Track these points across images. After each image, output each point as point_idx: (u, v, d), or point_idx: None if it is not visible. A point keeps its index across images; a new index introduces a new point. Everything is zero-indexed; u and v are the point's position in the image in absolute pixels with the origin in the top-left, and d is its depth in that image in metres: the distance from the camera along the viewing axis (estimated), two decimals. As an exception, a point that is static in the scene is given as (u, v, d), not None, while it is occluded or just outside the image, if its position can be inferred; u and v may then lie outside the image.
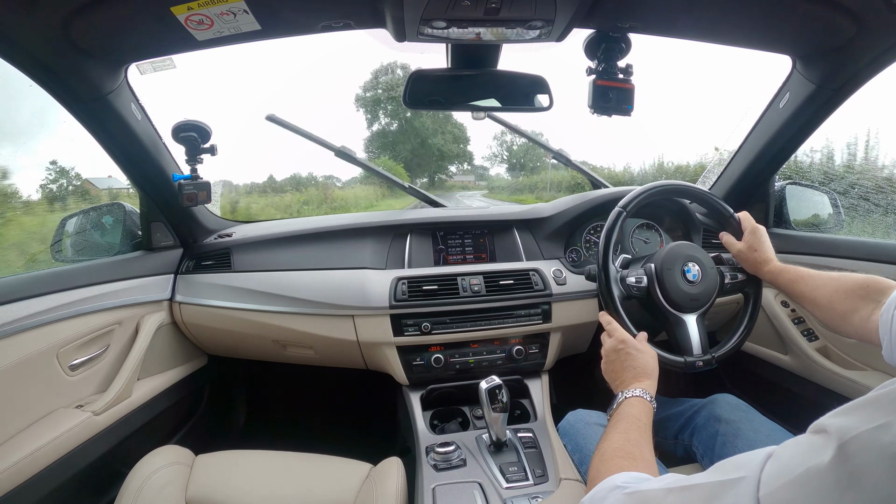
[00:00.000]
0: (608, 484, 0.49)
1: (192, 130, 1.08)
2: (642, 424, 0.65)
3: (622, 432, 0.63)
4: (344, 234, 1.25)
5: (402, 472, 0.84)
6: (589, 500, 0.49)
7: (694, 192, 1.01)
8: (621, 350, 0.80)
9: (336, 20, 0.83)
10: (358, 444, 1.13)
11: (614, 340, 0.82)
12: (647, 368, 0.77)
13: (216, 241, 1.28)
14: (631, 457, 0.56)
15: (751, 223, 0.95)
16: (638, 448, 0.59)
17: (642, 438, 0.61)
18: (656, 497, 0.39)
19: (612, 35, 0.90)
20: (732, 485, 0.33)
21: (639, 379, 0.75)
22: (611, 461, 0.56)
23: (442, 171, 35.30)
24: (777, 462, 0.32)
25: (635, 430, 0.63)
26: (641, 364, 0.77)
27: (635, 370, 0.77)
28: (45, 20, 0.71)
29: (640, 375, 0.76)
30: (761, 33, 0.92)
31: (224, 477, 0.85)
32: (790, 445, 0.33)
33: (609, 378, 0.81)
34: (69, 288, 0.93)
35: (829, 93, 1.00)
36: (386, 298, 1.10)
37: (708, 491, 0.35)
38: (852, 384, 1.02)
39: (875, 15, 0.78)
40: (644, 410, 0.68)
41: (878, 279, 0.71)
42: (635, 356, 0.78)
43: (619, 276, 0.94)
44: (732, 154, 1.31)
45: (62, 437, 0.86)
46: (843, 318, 0.73)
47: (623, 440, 0.60)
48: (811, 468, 0.29)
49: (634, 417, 0.66)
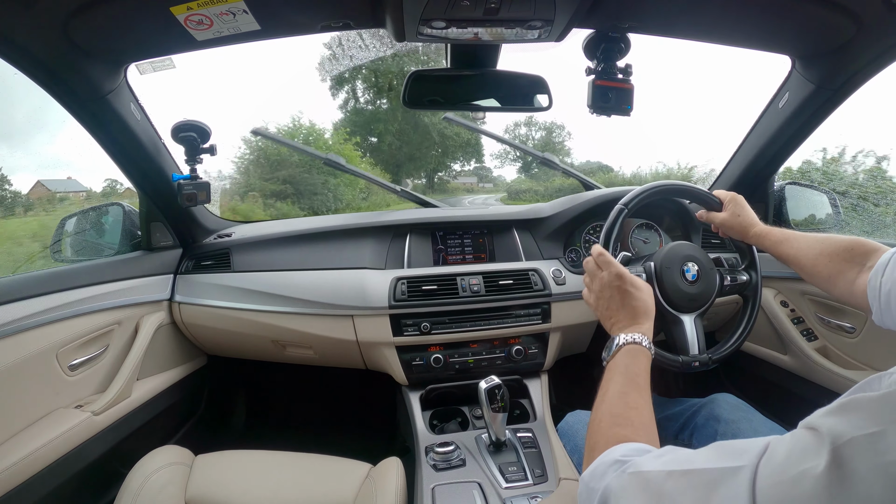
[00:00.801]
0: (608, 458, 0.47)
1: (191, 130, 1.08)
2: (641, 381, 0.60)
3: (620, 394, 0.58)
4: (343, 234, 1.25)
5: (402, 472, 0.84)
6: (589, 476, 0.47)
7: (694, 192, 1.01)
8: (618, 286, 0.72)
9: (336, 20, 0.83)
10: (357, 444, 1.13)
11: (609, 275, 0.73)
12: (646, 308, 0.70)
13: (216, 241, 1.28)
14: (630, 424, 0.54)
15: (729, 193, 0.95)
16: (637, 412, 0.55)
17: (641, 399, 0.57)
18: (657, 480, 0.38)
19: (612, 35, 0.90)
20: (732, 474, 0.33)
21: (637, 321, 0.69)
22: (609, 430, 0.53)
23: (443, 169, 25.07)
24: (772, 458, 0.32)
25: (634, 390, 0.58)
26: (641, 303, 0.70)
27: (634, 310, 0.70)
28: (45, 20, 0.71)
29: (639, 316, 0.69)
30: (761, 33, 0.92)
31: (224, 477, 0.85)
32: (786, 442, 0.33)
33: (602, 316, 0.74)
34: (69, 288, 0.93)
35: (829, 93, 1.00)
36: (385, 298, 1.10)
37: (708, 477, 0.35)
38: (852, 384, 1.01)
39: (875, 15, 0.78)
40: (642, 361, 0.63)
41: (863, 241, 0.69)
42: (633, 294, 0.71)
43: None
44: (732, 154, 1.32)
45: (62, 437, 0.86)
46: (829, 280, 0.73)
47: (622, 405, 0.56)
48: (806, 471, 0.29)
49: (633, 373, 0.61)
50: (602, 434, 0.53)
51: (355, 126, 18.87)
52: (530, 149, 1.58)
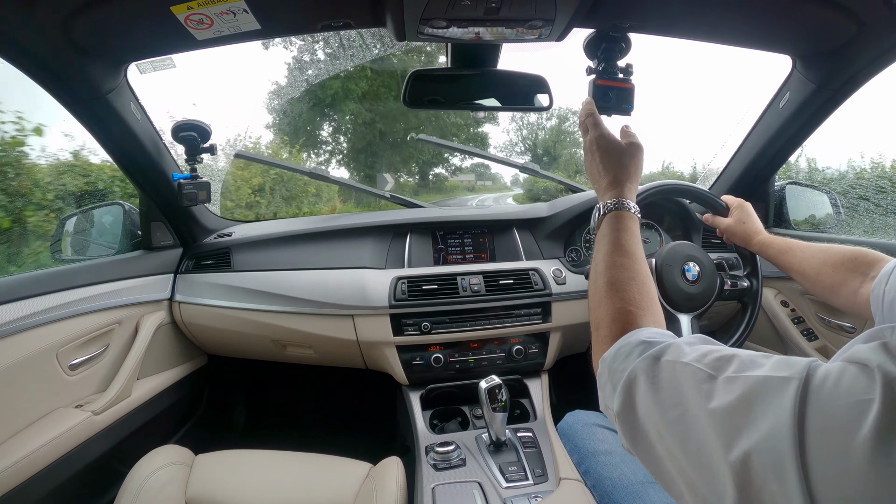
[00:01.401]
0: (633, 338, 0.45)
1: (191, 130, 1.08)
2: (631, 247, 0.56)
3: (612, 265, 0.55)
4: (343, 234, 1.25)
5: (402, 472, 0.84)
6: (612, 357, 0.45)
7: (702, 195, 1.02)
8: (598, 147, 0.67)
9: (336, 20, 0.83)
10: (358, 443, 1.13)
11: (591, 136, 0.69)
12: (625, 168, 0.65)
13: (216, 241, 1.28)
14: (632, 300, 0.51)
15: (737, 199, 0.96)
16: (635, 283, 0.52)
17: (636, 265, 0.54)
18: (695, 375, 0.36)
19: (612, 35, 0.90)
20: (781, 384, 0.31)
21: (618, 183, 0.64)
22: (612, 304, 0.51)
23: (440, 163, 20.72)
24: (819, 377, 0.31)
25: (626, 257, 0.55)
26: (620, 164, 0.65)
27: (614, 171, 0.65)
28: (45, 20, 0.71)
29: (620, 179, 0.64)
30: (761, 33, 0.92)
31: (224, 477, 0.85)
32: (831, 368, 0.31)
33: (592, 184, 0.70)
34: (69, 288, 0.93)
35: (829, 93, 1.00)
36: (385, 298, 1.10)
37: (752, 385, 0.33)
38: None
39: (875, 15, 0.78)
40: (628, 225, 0.59)
41: (865, 251, 0.69)
42: (612, 154, 0.66)
43: None
44: (732, 154, 1.32)
45: (62, 436, 0.86)
46: (832, 290, 0.73)
47: (617, 275, 0.53)
48: (858, 403, 0.28)
49: (621, 241, 0.57)
50: (604, 309, 0.52)
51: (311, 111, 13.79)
52: (513, 160, 1.58)
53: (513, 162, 1.55)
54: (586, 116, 0.71)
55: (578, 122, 0.74)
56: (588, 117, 0.71)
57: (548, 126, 26.36)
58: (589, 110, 0.72)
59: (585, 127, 0.71)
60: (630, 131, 0.70)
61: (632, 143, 0.67)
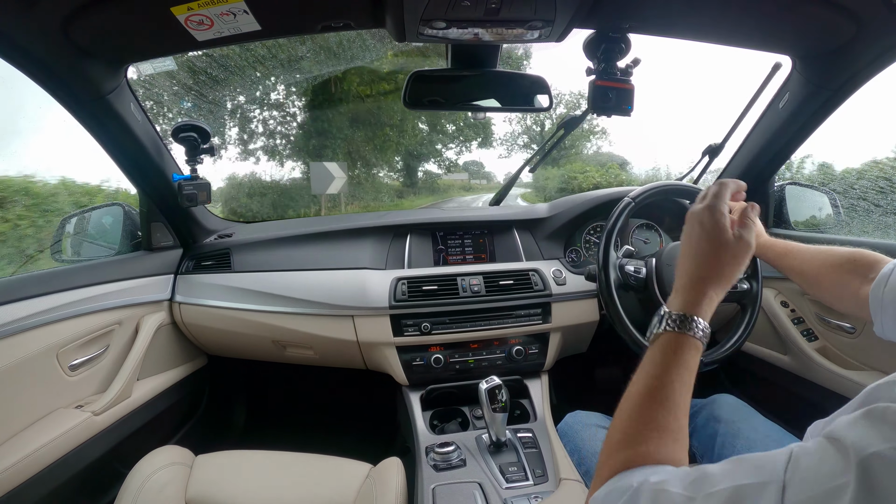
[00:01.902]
0: (622, 483, 0.41)
1: (191, 131, 1.08)
2: (677, 412, 0.45)
3: (639, 408, 0.46)
4: (344, 235, 1.25)
5: (402, 473, 0.84)
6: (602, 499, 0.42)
7: (693, 191, 1.02)
8: (699, 223, 0.54)
9: (336, 20, 0.83)
10: (358, 444, 1.13)
11: (703, 207, 0.56)
12: (720, 266, 0.52)
13: (216, 242, 1.28)
14: (646, 452, 0.44)
15: (738, 204, 0.96)
16: (666, 456, 0.44)
17: (669, 416, 0.45)
18: (674, 501, 0.36)
19: (612, 35, 0.90)
20: (758, 491, 0.32)
21: (694, 286, 0.51)
22: (618, 454, 0.44)
23: (434, 156, 17.02)
24: (799, 472, 0.31)
25: (659, 405, 0.45)
26: (712, 254, 0.52)
27: (700, 266, 0.52)
28: (45, 20, 0.71)
29: (707, 279, 0.51)
30: (761, 33, 0.92)
31: (224, 477, 0.85)
32: (810, 454, 0.32)
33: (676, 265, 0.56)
34: (69, 288, 0.93)
35: (829, 93, 1.00)
36: (386, 298, 1.10)
37: (734, 496, 0.33)
38: (852, 384, 1.02)
39: (875, 15, 0.78)
40: (683, 365, 0.47)
41: (865, 253, 0.69)
42: (709, 235, 0.53)
43: (619, 263, 0.97)
44: (732, 154, 1.31)
45: (62, 437, 0.86)
46: (832, 292, 0.72)
47: (654, 446, 0.43)
48: (834, 489, 0.28)
49: (664, 400, 0.45)
50: (610, 454, 0.45)
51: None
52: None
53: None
54: (718, 187, 0.58)
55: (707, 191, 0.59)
56: (716, 187, 0.58)
57: (556, 114, 20.80)
58: (722, 183, 0.59)
59: (704, 195, 0.58)
60: (751, 218, 0.56)
61: (741, 239, 0.53)
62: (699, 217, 0.55)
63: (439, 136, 17.29)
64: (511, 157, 23.72)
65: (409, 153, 15.38)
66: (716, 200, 0.56)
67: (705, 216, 0.54)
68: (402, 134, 13.23)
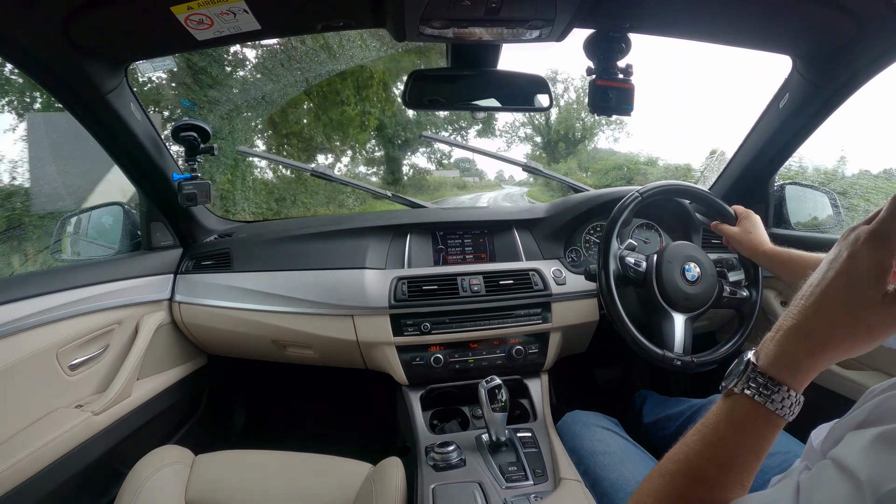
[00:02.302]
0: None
1: (191, 130, 1.08)
2: (743, 475, 0.37)
3: (681, 484, 0.39)
4: (344, 234, 1.25)
5: (402, 472, 0.84)
6: None
7: (711, 201, 1.03)
8: (839, 262, 0.37)
9: (336, 20, 0.83)
10: (358, 444, 1.13)
11: (860, 245, 0.36)
12: (847, 328, 0.36)
13: (216, 241, 1.28)
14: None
15: (745, 209, 0.97)
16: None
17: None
18: None
19: (612, 35, 0.90)
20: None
21: (803, 341, 0.37)
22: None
23: (414, 145, 13.85)
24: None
25: (713, 486, 0.37)
26: (849, 313, 0.36)
27: (821, 320, 0.37)
28: (45, 20, 0.71)
29: (817, 338, 0.37)
30: (761, 33, 0.92)
31: (224, 477, 0.85)
32: (821, 488, 0.29)
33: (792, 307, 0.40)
34: (69, 288, 0.93)
35: (829, 93, 1.00)
36: (386, 298, 1.10)
37: None
38: (852, 384, 1.02)
39: (875, 15, 0.78)
40: (755, 449, 0.37)
41: None
42: (850, 289, 0.36)
43: (620, 255, 0.98)
44: (732, 154, 1.32)
45: (62, 437, 0.86)
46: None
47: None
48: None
49: (728, 455, 0.37)
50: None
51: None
52: (514, 158, 1.55)
53: (515, 160, 1.53)
54: (880, 223, 0.36)
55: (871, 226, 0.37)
56: (882, 223, 0.36)
57: (563, 101, 17.93)
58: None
59: (875, 217, 0.37)
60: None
61: (890, 310, 0.35)
62: (854, 247, 0.37)
63: (428, 119, 13.53)
64: (511, 149, 20.36)
65: (389, 139, 12.36)
66: (889, 230, 0.35)
67: (862, 248, 0.36)
68: (365, 106, 9.47)
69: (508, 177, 11.23)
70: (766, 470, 0.45)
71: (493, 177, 22.70)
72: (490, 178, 20.74)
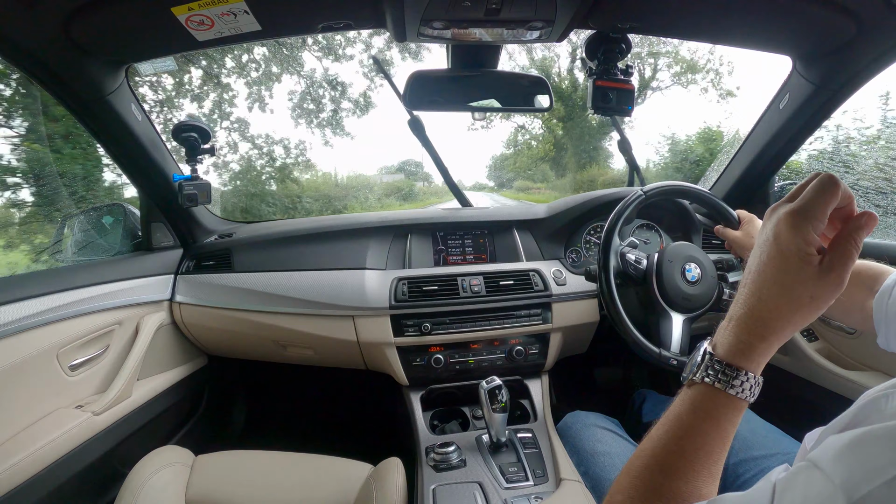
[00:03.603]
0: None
1: (192, 131, 1.08)
2: (710, 461, 0.38)
3: (647, 469, 0.39)
4: (344, 235, 1.25)
5: (402, 473, 0.84)
6: None
7: (715, 204, 1.02)
8: (770, 237, 0.39)
9: (336, 20, 0.83)
10: (358, 444, 1.13)
11: (778, 222, 0.39)
12: (789, 301, 0.37)
13: (216, 242, 1.28)
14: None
15: (748, 214, 0.96)
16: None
17: (687, 487, 0.38)
18: None
19: (612, 36, 0.90)
20: None
21: (750, 325, 0.39)
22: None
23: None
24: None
25: (675, 475, 0.38)
26: (787, 286, 0.37)
27: (762, 300, 0.38)
28: (45, 20, 0.71)
29: (763, 320, 0.38)
30: (761, 33, 0.92)
31: (224, 477, 0.85)
32: (796, 489, 0.29)
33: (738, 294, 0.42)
34: (69, 288, 0.93)
35: (829, 93, 1.00)
36: (386, 299, 1.10)
37: None
38: (852, 385, 1.02)
39: (875, 15, 0.78)
40: (719, 435, 0.38)
41: (869, 265, 0.66)
42: (784, 260, 0.37)
43: (621, 251, 0.97)
44: (732, 154, 1.31)
45: (62, 437, 0.86)
46: (839, 307, 0.71)
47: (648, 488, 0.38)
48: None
49: (679, 472, 0.38)
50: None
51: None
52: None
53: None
54: (818, 188, 0.38)
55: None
56: (816, 188, 0.38)
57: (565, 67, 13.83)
58: (825, 184, 0.38)
59: (794, 194, 0.40)
60: (855, 243, 0.37)
61: (830, 273, 0.36)
62: (777, 227, 0.38)
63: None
64: (492, 126, 16.09)
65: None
66: (807, 208, 0.37)
67: (784, 229, 0.37)
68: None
69: (458, 181, 8.99)
70: (766, 470, 0.45)
71: (440, 182, 15.84)
72: (438, 182, 14.74)
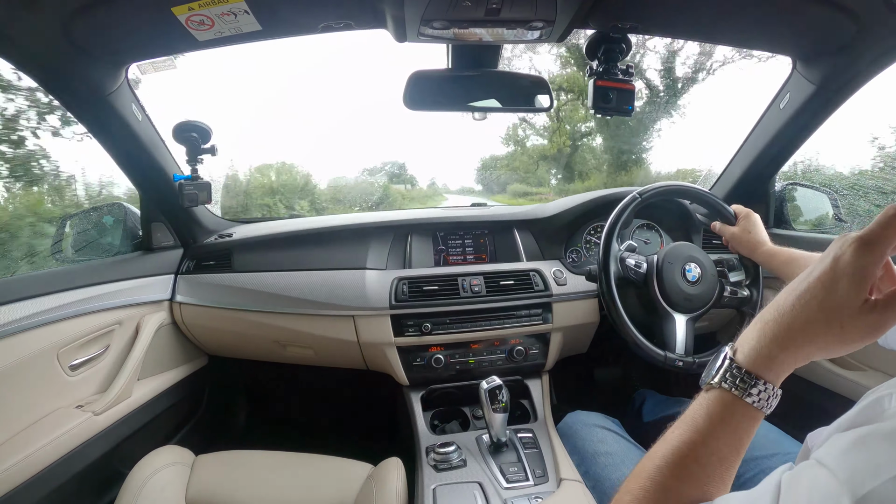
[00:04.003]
0: None
1: (192, 131, 1.08)
2: (722, 469, 0.38)
3: (660, 476, 0.39)
4: (344, 235, 1.25)
5: (403, 473, 0.84)
6: None
7: (712, 201, 1.03)
8: (826, 265, 0.37)
9: (336, 20, 0.83)
10: (358, 444, 1.13)
11: (849, 251, 0.36)
12: (824, 325, 0.36)
13: (217, 242, 1.28)
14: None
15: (744, 209, 0.97)
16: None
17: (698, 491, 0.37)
18: None
19: (613, 36, 0.90)
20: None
21: (780, 338, 0.38)
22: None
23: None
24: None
25: (690, 481, 0.38)
26: (826, 315, 0.36)
27: (798, 318, 0.37)
28: (45, 20, 0.71)
29: (793, 336, 0.37)
30: (761, 33, 0.92)
31: (224, 477, 0.85)
32: (801, 487, 0.29)
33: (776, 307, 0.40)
34: (69, 288, 0.93)
35: (830, 93, 1.00)
36: (386, 299, 1.10)
37: None
38: (852, 384, 1.02)
39: (875, 15, 0.78)
40: (739, 430, 0.38)
41: None
42: (832, 293, 0.36)
43: (620, 256, 0.98)
44: (733, 155, 1.32)
45: (62, 437, 0.86)
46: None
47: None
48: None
49: (692, 477, 0.38)
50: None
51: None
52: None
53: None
54: (891, 220, 0.35)
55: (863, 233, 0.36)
56: (888, 219, 0.35)
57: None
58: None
59: (847, 240, 0.37)
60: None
61: (877, 315, 0.35)
62: (840, 249, 0.36)
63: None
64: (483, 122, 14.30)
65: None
66: (872, 236, 0.35)
67: (847, 252, 0.36)
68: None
69: (442, 185, 7.92)
70: (766, 470, 0.45)
71: (425, 184, 14.59)
72: (422, 185, 13.44)
